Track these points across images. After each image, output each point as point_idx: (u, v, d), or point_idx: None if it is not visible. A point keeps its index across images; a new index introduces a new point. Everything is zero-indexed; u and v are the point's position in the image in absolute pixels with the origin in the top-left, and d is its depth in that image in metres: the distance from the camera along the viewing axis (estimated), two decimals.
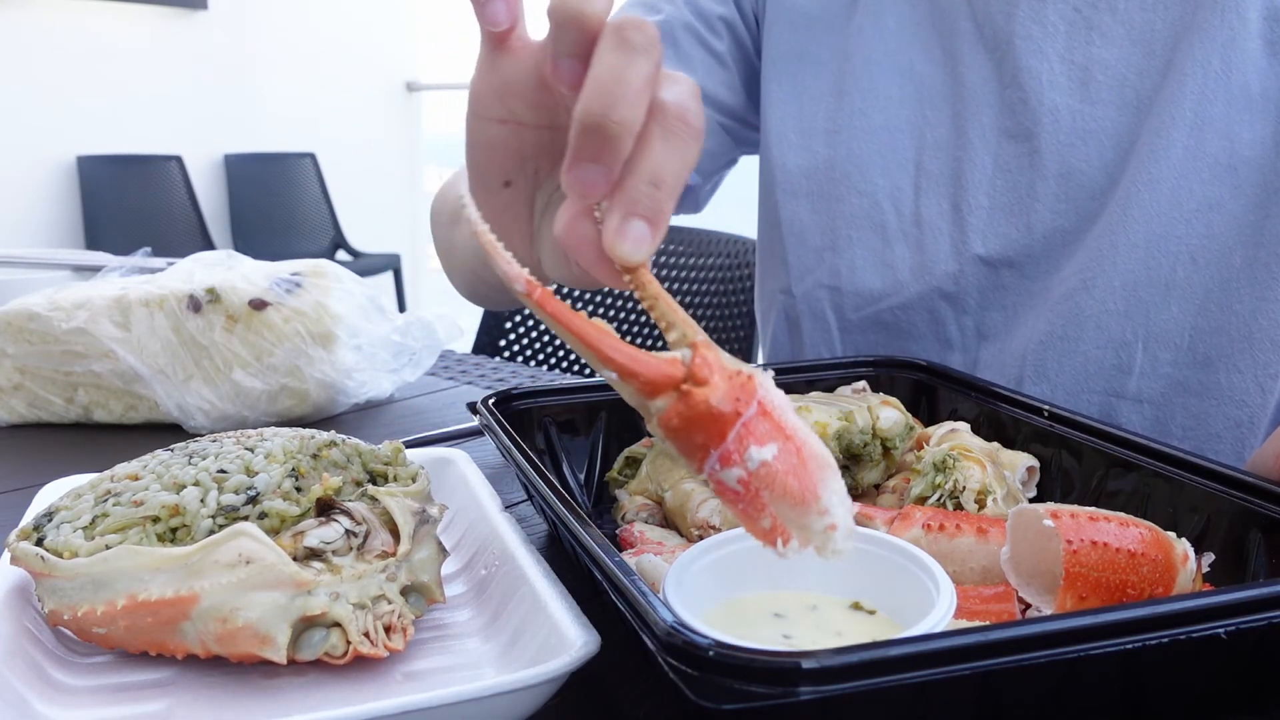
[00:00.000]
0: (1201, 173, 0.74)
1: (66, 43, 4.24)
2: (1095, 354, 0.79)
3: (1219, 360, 0.76)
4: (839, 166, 0.86)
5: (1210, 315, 0.76)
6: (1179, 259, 0.76)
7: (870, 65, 0.85)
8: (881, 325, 0.86)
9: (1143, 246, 0.76)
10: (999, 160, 0.81)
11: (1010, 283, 0.82)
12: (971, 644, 0.34)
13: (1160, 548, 0.44)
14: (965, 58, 0.82)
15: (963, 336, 0.85)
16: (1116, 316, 0.77)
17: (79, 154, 4.31)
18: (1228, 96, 0.73)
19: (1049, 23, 0.78)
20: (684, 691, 0.35)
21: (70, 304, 0.86)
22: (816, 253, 0.88)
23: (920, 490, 0.55)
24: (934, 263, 0.83)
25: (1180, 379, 0.77)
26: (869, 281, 0.86)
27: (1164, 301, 0.76)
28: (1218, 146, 0.74)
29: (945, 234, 0.83)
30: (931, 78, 0.84)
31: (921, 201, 0.84)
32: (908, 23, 0.84)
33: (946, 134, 0.83)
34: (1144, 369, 0.78)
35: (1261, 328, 0.75)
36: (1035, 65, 0.78)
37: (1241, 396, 0.76)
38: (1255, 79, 0.73)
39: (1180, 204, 0.75)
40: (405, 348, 0.93)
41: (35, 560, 0.46)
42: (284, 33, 4.93)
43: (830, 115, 0.87)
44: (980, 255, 0.82)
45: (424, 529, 0.49)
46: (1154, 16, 0.76)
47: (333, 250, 4.89)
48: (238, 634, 0.44)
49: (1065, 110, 0.78)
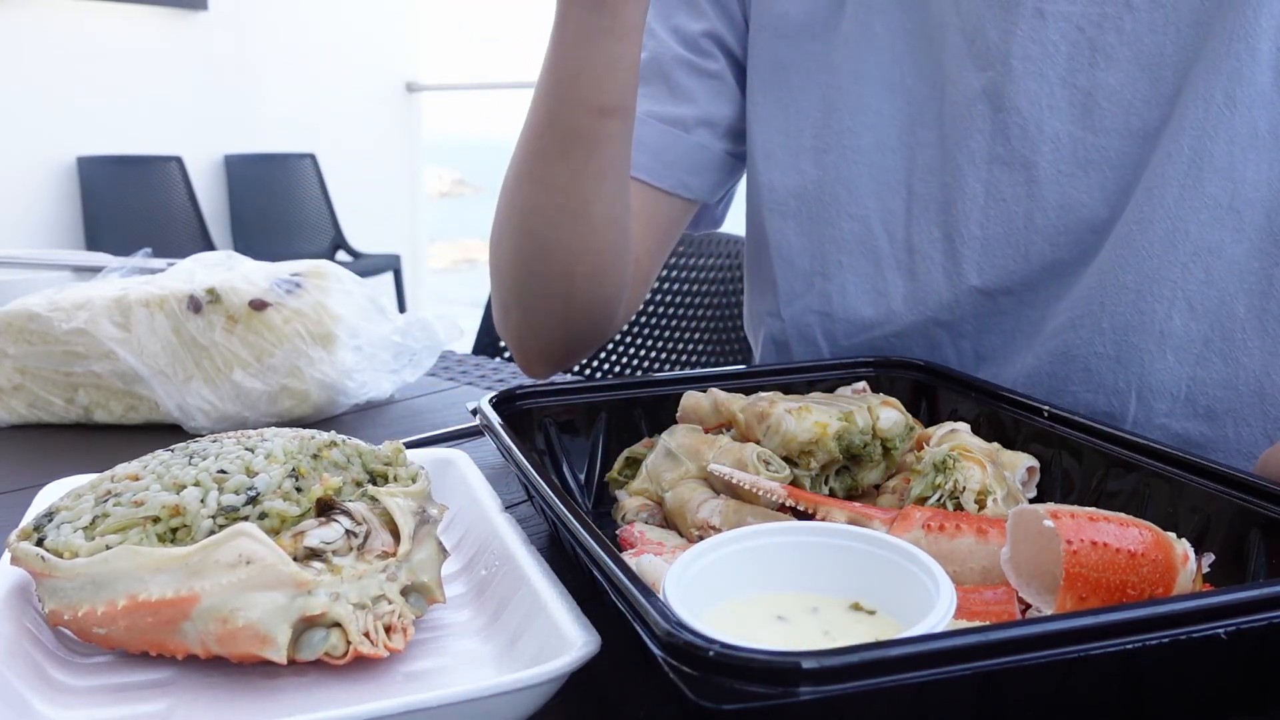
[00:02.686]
0: (1200, 214, 0.69)
1: (66, 43, 4.24)
2: (1086, 398, 0.75)
3: (1225, 414, 0.71)
4: (828, 188, 0.82)
5: (1212, 367, 0.71)
6: (1175, 305, 0.70)
7: (859, 79, 0.80)
8: (875, 350, 0.82)
9: (1134, 290, 0.71)
10: (991, 188, 0.75)
11: (1008, 308, 0.78)
12: (972, 644, 0.34)
13: (1160, 548, 0.44)
14: (952, 75, 0.76)
15: (960, 359, 0.81)
16: (1107, 361, 0.73)
17: (79, 154, 4.31)
18: (1230, 134, 0.67)
19: (1049, 42, 0.72)
20: (684, 692, 0.35)
21: (70, 304, 0.86)
22: (806, 277, 0.84)
23: (920, 490, 0.55)
24: (928, 293, 0.79)
25: (1179, 430, 0.73)
26: (861, 310, 0.82)
27: (1159, 350, 0.71)
28: (1217, 187, 0.68)
29: (938, 263, 0.78)
30: (921, 94, 0.78)
31: (913, 228, 0.79)
32: (899, 31, 0.79)
33: (934, 156, 0.78)
34: (1138, 419, 0.73)
35: (1275, 383, 0.70)
36: (1035, 89, 0.73)
37: (1250, 450, 0.72)
38: (1264, 115, 0.67)
39: (1175, 246, 0.70)
40: (405, 348, 0.93)
41: (35, 560, 0.46)
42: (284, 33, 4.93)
43: (818, 133, 0.82)
44: (977, 286, 0.77)
45: (424, 529, 0.49)
46: (1164, 39, 0.69)
47: (333, 251, 4.90)
48: (238, 634, 0.44)
49: (1066, 138, 0.73)
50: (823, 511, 0.51)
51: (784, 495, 0.52)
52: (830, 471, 0.59)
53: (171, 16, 4.56)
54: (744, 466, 0.55)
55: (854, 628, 0.43)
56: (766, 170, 0.85)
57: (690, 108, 0.86)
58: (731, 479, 0.54)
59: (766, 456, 0.56)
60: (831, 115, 0.81)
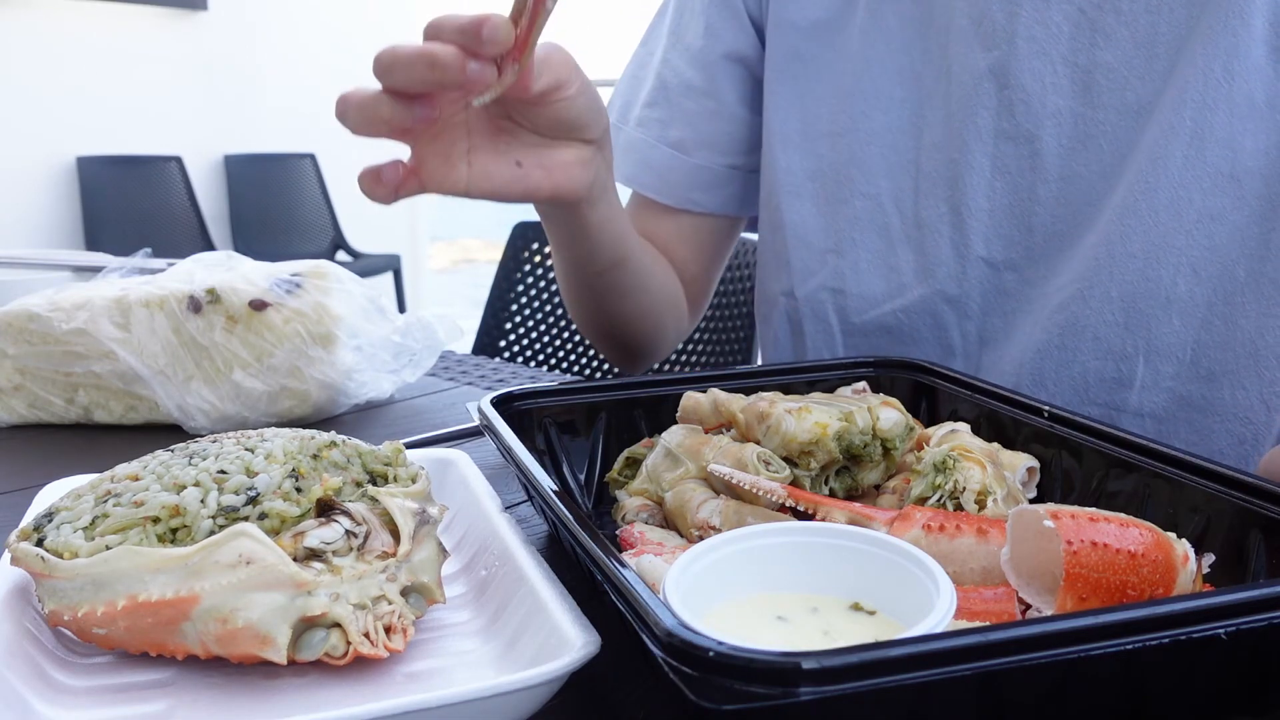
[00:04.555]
0: (1202, 182, 0.73)
1: (66, 43, 4.24)
2: (1094, 365, 0.78)
3: (1223, 376, 0.75)
4: (843, 169, 0.86)
5: (1214, 330, 0.74)
6: (1180, 271, 0.74)
7: (871, 66, 0.84)
8: (885, 329, 0.86)
9: (1141, 257, 0.75)
10: (997, 162, 0.79)
11: (1012, 287, 0.81)
12: (972, 644, 0.34)
13: (1161, 548, 0.43)
14: (959, 55, 0.80)
15: (965, 342, 0.84)
16: (1115, 328, 0.76)
17: (79, 154, 4.31)
18: (1230, 105, 0.71)
19: (1053, 23, 0.76)
20: (684, 692, 0.35)
21: (70, 305, 0.86)
22: (820, 255, 0.88)
23: (920, 491, 0.55)
24: (936, 265, 0.83)
25: (1183, 393, 0.76)
26: (872, 284, 0.85)
27: (1165, 315, 0.75)
28: (1219, 156, 0.72)
29: (946, 236, 0.82)
30: (929, 77, 0.82)
31: (921, 203, 0.83)
32: (909, 20, 0.83)
33: (942, 135, 0.82)
34: (1145, 382, 0.76)
35: (1268, 344, 0.73)
36: (1039, 67, 0.77)
37: (1246, 413, 0.75)
38: (1260, 87, 0.71)
39: (1180, 214, 0.73)
40: (405, 348, 0.93)
41: (35, 561, 0.46)
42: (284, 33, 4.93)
43: (833, 117, 0.86)
44: (984, 257, 0.81)
45: (424, 529, 0.49)
46: (1158, 19, 0.74)
47: (333, 251, 4.90)
48: (238, 634, 0.44)
49: (1068, 113, 0.77)
50: (823, 512, 0.51)
51: (784, 495, 0.52)
52: (830, 472, 0.59)
53: (171, 16, 4.56)
54: (744, 467, 0.55)
55: (854, 628, 0.43)
56: (784, 154, 0.89)
57: (690, 131, 0.93)
58: (731, 479, 0.54)
59: (766, 457, 0.56)
60: (846, 101, 0.85)
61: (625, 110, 0.96)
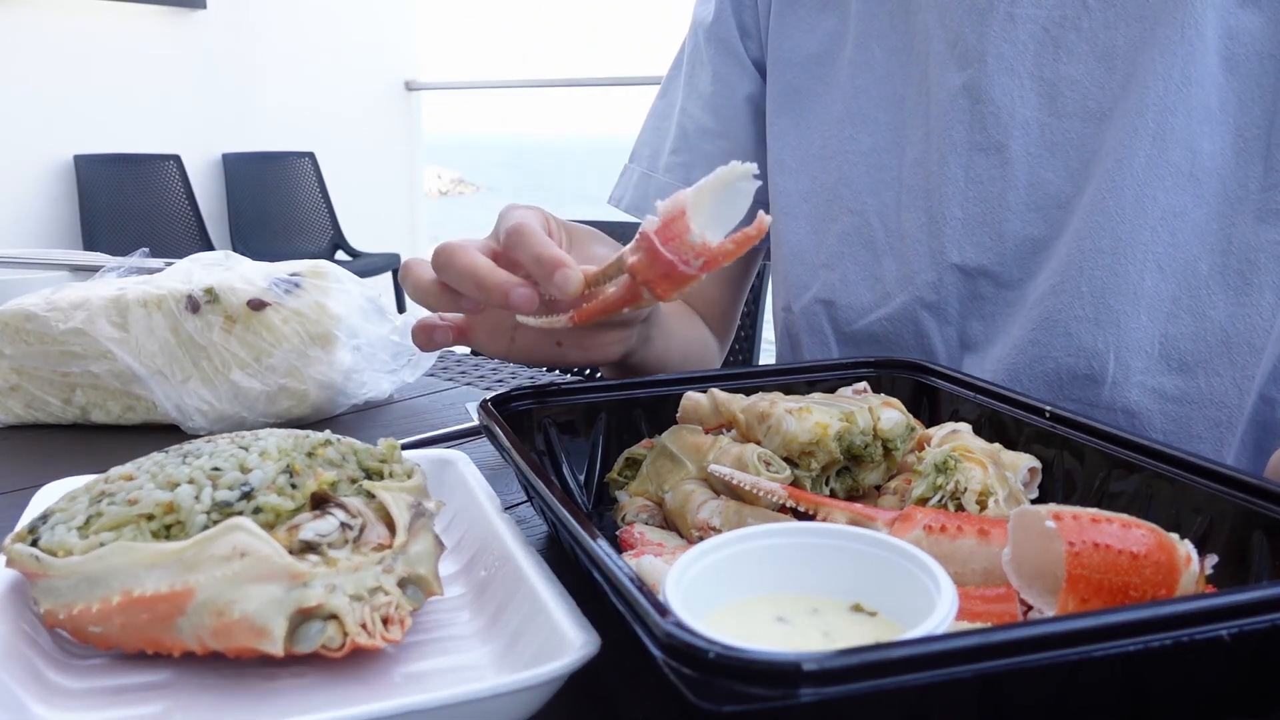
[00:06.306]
0: (1164, 181, 0.77)
1: (64, 41, 4.24)
2: (1067, 362, 0.80)
3: (1197, 366, 0.78)
4: (833, 189, 0.91)
5: (1180, 323, 0.78)
6: (1146, 266, 0.77)
7: (859, 94, 0.90)
8: (873, 338, 0.90)
9: (1109, 253, 0.78)
10: (970, 172, 0.84)
11: (987, 293, 0.85)
12: (973, 646, 0.34)
13: (1163, 550, 0.43)
14: (936, 77, 0.85)
15: (947, 347, 0.87)
16: (1087, 324, 0.79)
17: (76, 153, 4.31)
18: (1188, 109, 0.76)
19: (1019, 41, 0.81)
20: (684, 693, 0.35)
21: (68, 304, 0.86)
22: (813, 270, 0.93)
23: (921, 491, 0.54)
24: (915, 273, 0.86)
25: (1154, 386, 0.79)
26: (860, 295, 0.90)
27: (1134, 310, 0.78)
28: (1179, 156, 0.76)
29: (924, 244, 0.86)
30: (910, 99, 0.87)
31: (903, 216, 0.87)
32: (893, 50, 0.88)
33: (921, 150, 0.86)
34: (1116, 378, 0.79)
35: (1239, 332, 0.77)
36: (1007, 82, 0.82)
37: (1221, 399, 0.78)
38: (1214, 93, 0.76)
39: (1145, 212, 0.77)
40: (404, 348, 0.93)
41: (30, 560, 0.46)
42: (283, 32, 4.93)
43: (824, 142, 0.92)
44: (956, 264, 0.85)
45: (420, 521, 0.49)
46: (1115, 34, 0.79)
47: (332, 250, 4.90)
48: (234, 627, 0.43)
49: (1035, 124, 0.81)
50: (823, 512, 0.51)
51: (784, 496, 0.52)
52: (831, 472, 0.58)
53: (170, 15, 4.56)
54: (744, 467, 0.55)
55: (855, 629, 0.43)
56: (781, 179, 0.94)
57: (710, 170, 0.96)
58: (732, 480, 0.54)
59: (767, 457, 0.56)
60: (836, 127, 0.92)
61: (654, 159, 1.03)
